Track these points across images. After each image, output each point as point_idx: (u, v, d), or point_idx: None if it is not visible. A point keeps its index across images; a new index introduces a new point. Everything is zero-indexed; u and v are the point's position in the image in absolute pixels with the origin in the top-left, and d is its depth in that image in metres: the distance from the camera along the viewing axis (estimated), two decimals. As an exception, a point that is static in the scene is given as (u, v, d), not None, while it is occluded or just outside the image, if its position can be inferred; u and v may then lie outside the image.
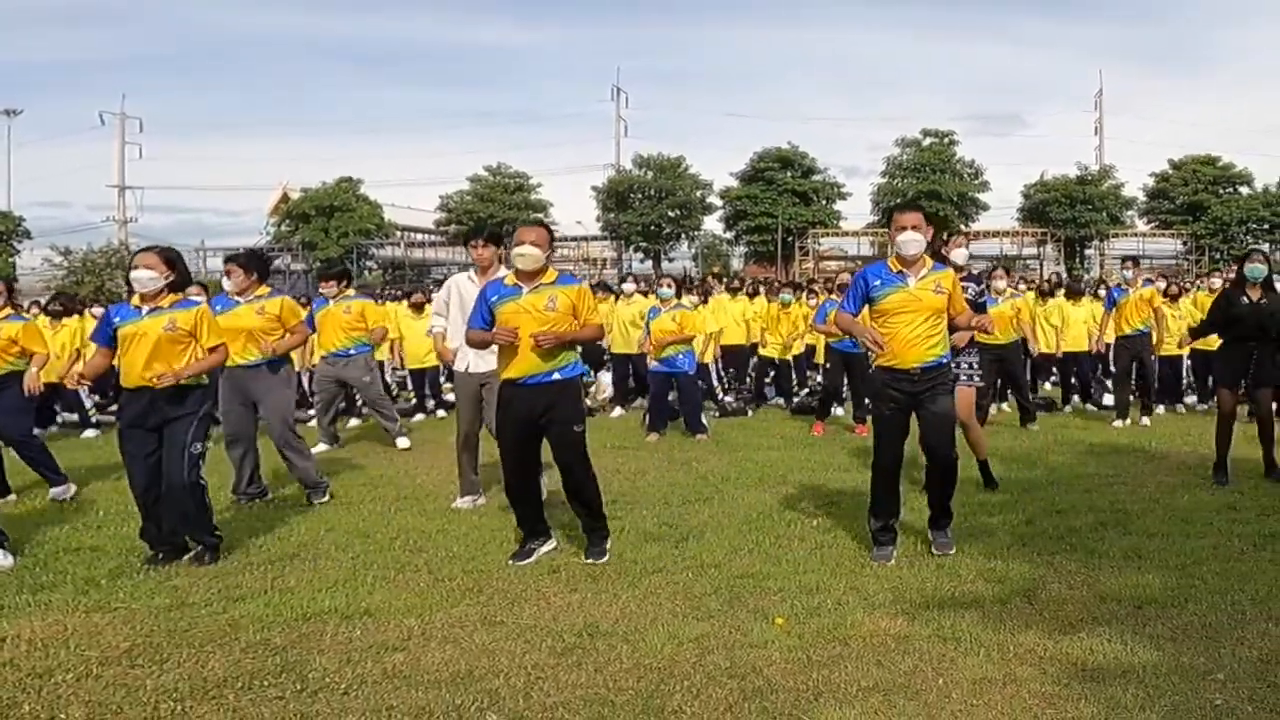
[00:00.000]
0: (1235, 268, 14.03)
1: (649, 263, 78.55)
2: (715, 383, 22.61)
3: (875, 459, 9.89)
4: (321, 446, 16.96)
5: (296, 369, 16.40)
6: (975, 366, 12.49)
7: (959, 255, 11.48)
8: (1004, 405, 20.67)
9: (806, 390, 22.94)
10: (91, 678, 6.96)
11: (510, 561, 9.62)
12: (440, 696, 6.57)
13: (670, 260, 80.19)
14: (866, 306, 9.74)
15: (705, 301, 23.34)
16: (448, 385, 22.06)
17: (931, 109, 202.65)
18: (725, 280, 31.64)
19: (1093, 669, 6.85)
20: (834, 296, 19.16)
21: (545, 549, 9.90)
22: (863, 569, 9.29)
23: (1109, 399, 20.99)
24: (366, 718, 6.27)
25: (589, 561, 9.55)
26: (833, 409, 19.07)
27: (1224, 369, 13.29)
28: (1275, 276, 13.19)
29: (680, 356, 18.14)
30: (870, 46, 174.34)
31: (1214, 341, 13.88)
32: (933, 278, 9.63)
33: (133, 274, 9.89)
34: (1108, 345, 19.99)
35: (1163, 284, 21.59)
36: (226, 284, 12.84)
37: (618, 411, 21.50)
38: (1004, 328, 18.29)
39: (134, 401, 9.87)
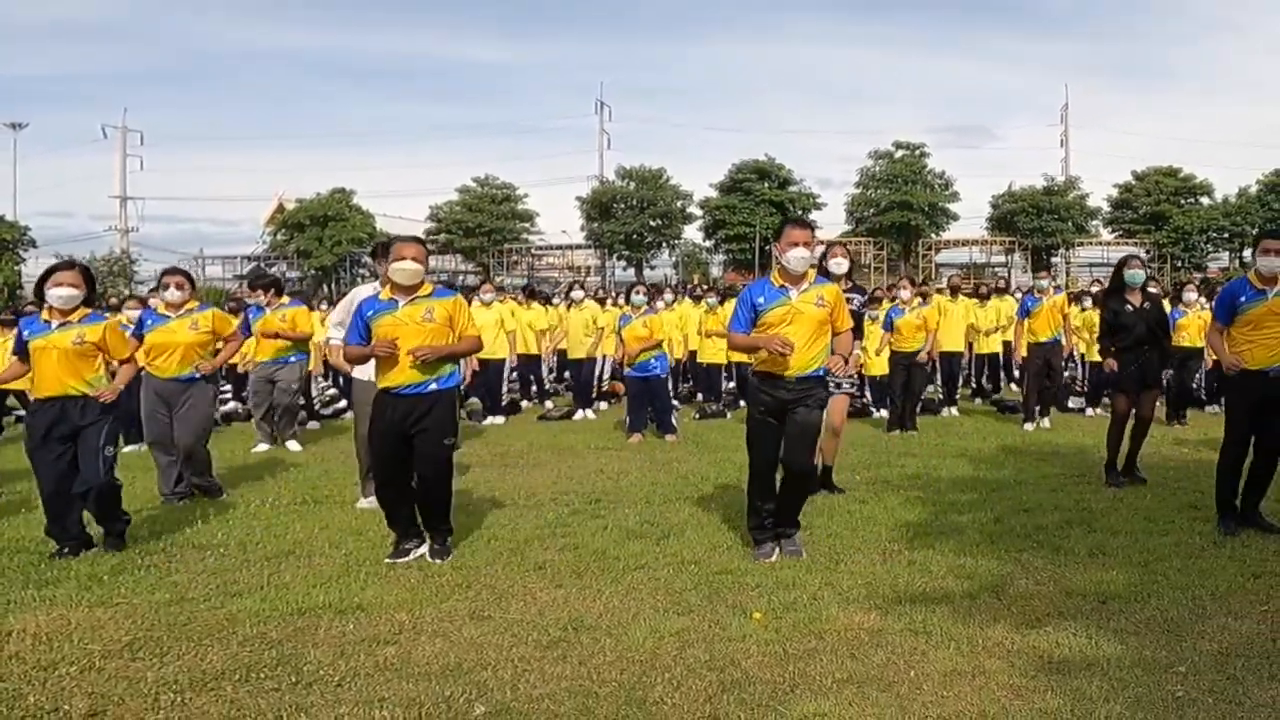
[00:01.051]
0: (1112, 277, 14.10)
1: (631, 270, 78.76)
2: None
3: (751, 463, 9.89)
4: (262, 446, 17.29)
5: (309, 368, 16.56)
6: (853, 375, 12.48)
7: (836, 266, 11.38)
8: (952, 409, 20.86)
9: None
10: (94, 670, 6.95)
11: (388, 560, 9.62)
12: (430, 688, 6.56)
13: (652, 268, 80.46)
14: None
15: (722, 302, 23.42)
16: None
17: (903, 122, 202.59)
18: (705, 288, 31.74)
19: (1059, 662, 6.86)
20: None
21: (421, 550, 9.83)
22: (837, 565, 9.29)
23: (1074, 403, 21.11)
24: (359, 709, 6.25)
25: (433, 561, 9.58)
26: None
27: (1118, 375, 13.28)
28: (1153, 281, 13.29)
29: (653, 360, 18.28)
30: (844, 62, 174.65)
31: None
32: (815, 291, 9.64)
33: (52, 291, 9.92)
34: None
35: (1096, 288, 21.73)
36: (167, 296, 12.78)
37: (579, 414, 21.61)
38: (910, 335, 18.77)
39: (45, 411, 9.96)
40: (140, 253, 78.02)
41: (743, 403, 22.43)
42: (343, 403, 22.12)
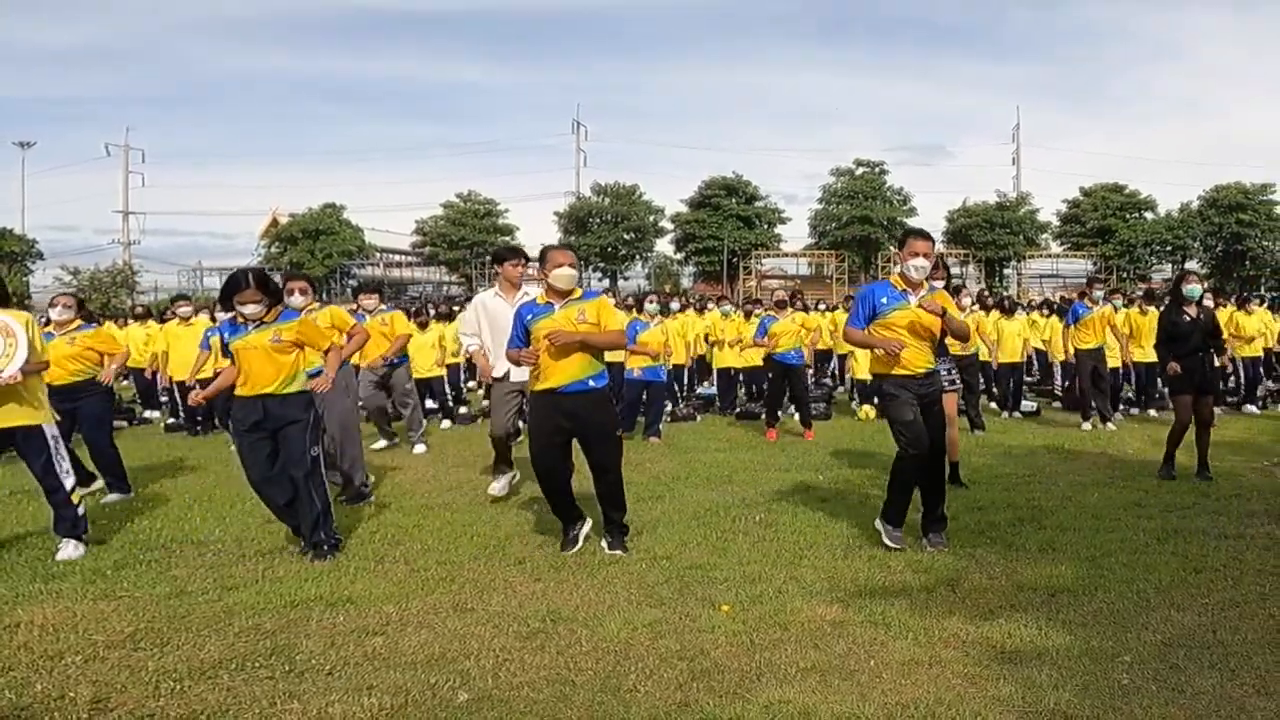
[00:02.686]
0: (1171, 288, 14.21)
1: (606, 281, 78.81)
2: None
3: (905, 456, 9.72)
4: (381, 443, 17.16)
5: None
6: (953, 372, 12.55)
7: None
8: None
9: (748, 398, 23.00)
10: (98, 660, 6.95)
11: (561, 551, 9.70)
12: (416, 677, 6.55)
13: (626, 279, 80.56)
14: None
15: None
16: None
17: (864, 141, 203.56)
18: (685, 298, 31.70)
19: (1011, 652, 6.87)
20: (771, 312, 19.37)
21: (586, 528, 9.96)
22: (801, 560, 9.30)
23: (1026, 405, 21.09)
24: (349, 696, 6.24)
25: (615, 553, 9.60)
26: (779, 414, 18.95)
27: (1177, 380, 13.39)
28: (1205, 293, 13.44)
29: (660, 367, 18.31)
30: (808, 85, 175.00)
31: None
32: (929, 298, 9.65)
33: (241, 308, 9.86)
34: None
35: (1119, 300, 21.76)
36: (53, 314, 12.85)
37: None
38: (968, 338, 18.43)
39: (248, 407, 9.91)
40: (142, 264, 78.10)
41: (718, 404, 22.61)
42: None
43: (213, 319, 18.89)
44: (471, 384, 24.86)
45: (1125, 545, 9.65)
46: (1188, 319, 13.25)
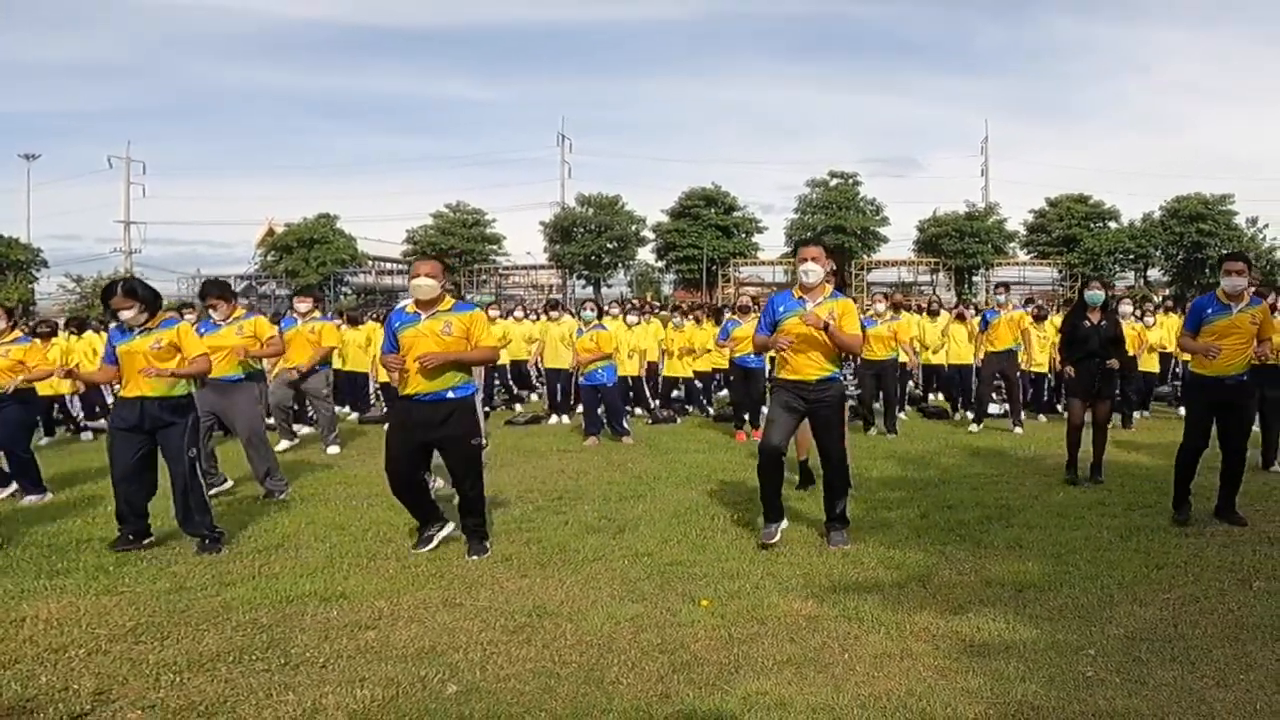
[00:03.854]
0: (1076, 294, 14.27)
1: (590, 288, 78.86)
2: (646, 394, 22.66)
3: (761, 453, 9.85)
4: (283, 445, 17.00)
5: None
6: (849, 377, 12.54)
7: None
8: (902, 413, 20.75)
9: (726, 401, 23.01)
10: (101, 653, 6.95)
11: (413, 550, 9.65)
12: (407, 669, 6.56)
13: (609, 286, 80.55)
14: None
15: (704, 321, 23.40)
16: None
17: (838, 153, 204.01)
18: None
19: (979, 645, 6.89)
20: (734, 316, 19.43)
21: (445, 532, 9.83)
22: (778, 557, 9.31)
23: (994, 408, 21.11)
24: (342, 688, 6.24)
25: (472, 558, 9.50)
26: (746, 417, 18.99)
27: (1074, 383, 13.46)
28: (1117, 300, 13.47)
29: (600, 371, 18.20)
30: (784, 99, 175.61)
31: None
32: (828, 305, 9.67)
33: (122, 314, 9.89)
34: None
35: (1031, 306, 21.74)
36: (214, 315, 12.79)
37: (554, 420, 21.49)
38: (881, 346, 18.65)
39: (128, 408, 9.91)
40: (143, 272, 77.72)
41: (690, 408, 22.62)
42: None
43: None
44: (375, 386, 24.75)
45: (1090, 542, 9.68)
46: (1088, 324, 13.26)
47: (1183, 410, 20.18)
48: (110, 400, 22.07)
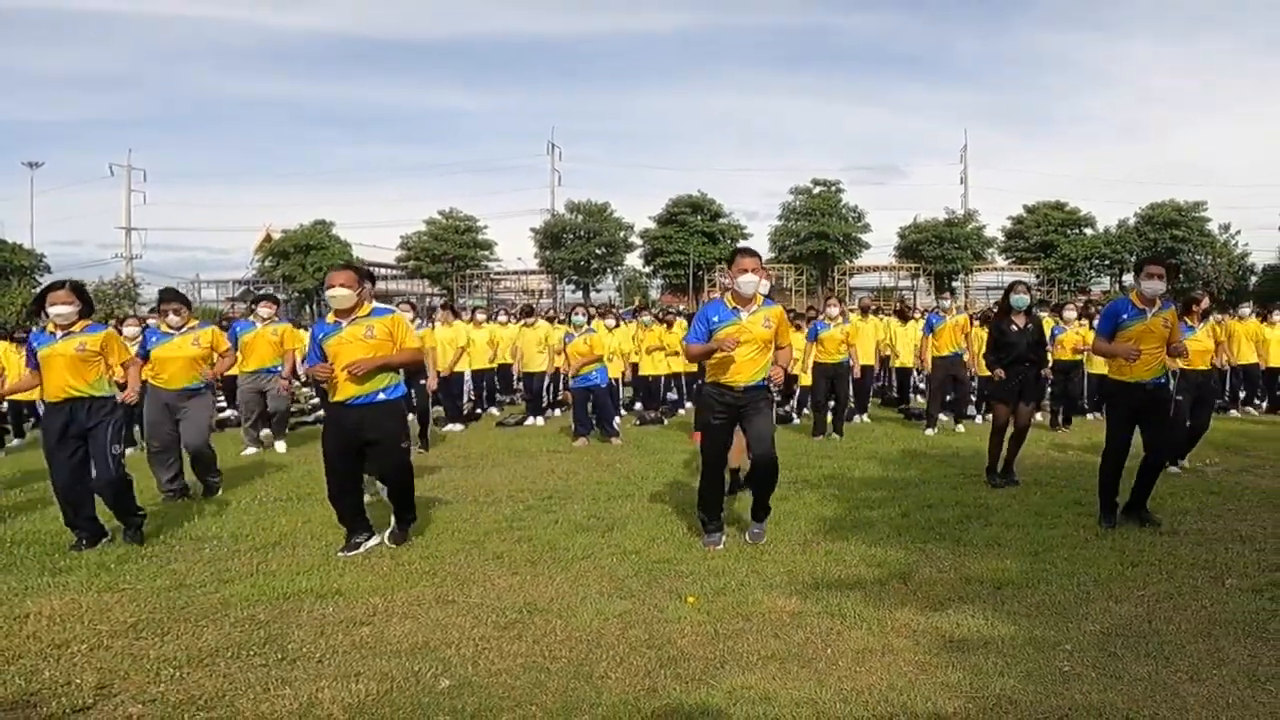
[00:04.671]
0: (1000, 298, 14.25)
1: (579, 293, 78.90)
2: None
3: (704, 462, 9.91)
4: (250, 450, 17.19)
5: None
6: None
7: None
8: (863, 417, 20.87)
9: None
10: (103, 648, 6.97)
11: (340, 554, 9.59)
12: (401, 664, 6.57)
13: (598, 291, 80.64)
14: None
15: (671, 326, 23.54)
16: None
17: (821, 161, 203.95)
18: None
19: (959, 641, 6.90)
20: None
21: (371, 543, 9.82)
22: (762, 554, 9.34)
23: (971, 410, 21.15)
24: (338, 682, 6.25)
25: (390, 544, 9.71)
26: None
27: (1001, 387, 13.35)
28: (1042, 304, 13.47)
29: (594, 373, 18.29)
30: (768, 109, 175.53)
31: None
32: (762, 313, 9.67)
33: (51, 309, 9.95)
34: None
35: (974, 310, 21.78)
36: (169, 320, 12.73)
37: (530, 421, 21.50)
38: (834, 348, 18.67)
39: (56, 413, 9.95)
40: (144, 277, 77.92)
41: (682, 409, 22.65)
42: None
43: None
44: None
45: (1066, 541, 9.71)
46: (1015, 329, 13.19)
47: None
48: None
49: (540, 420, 21.54)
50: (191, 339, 12.60)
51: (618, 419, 19.78)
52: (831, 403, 19.06)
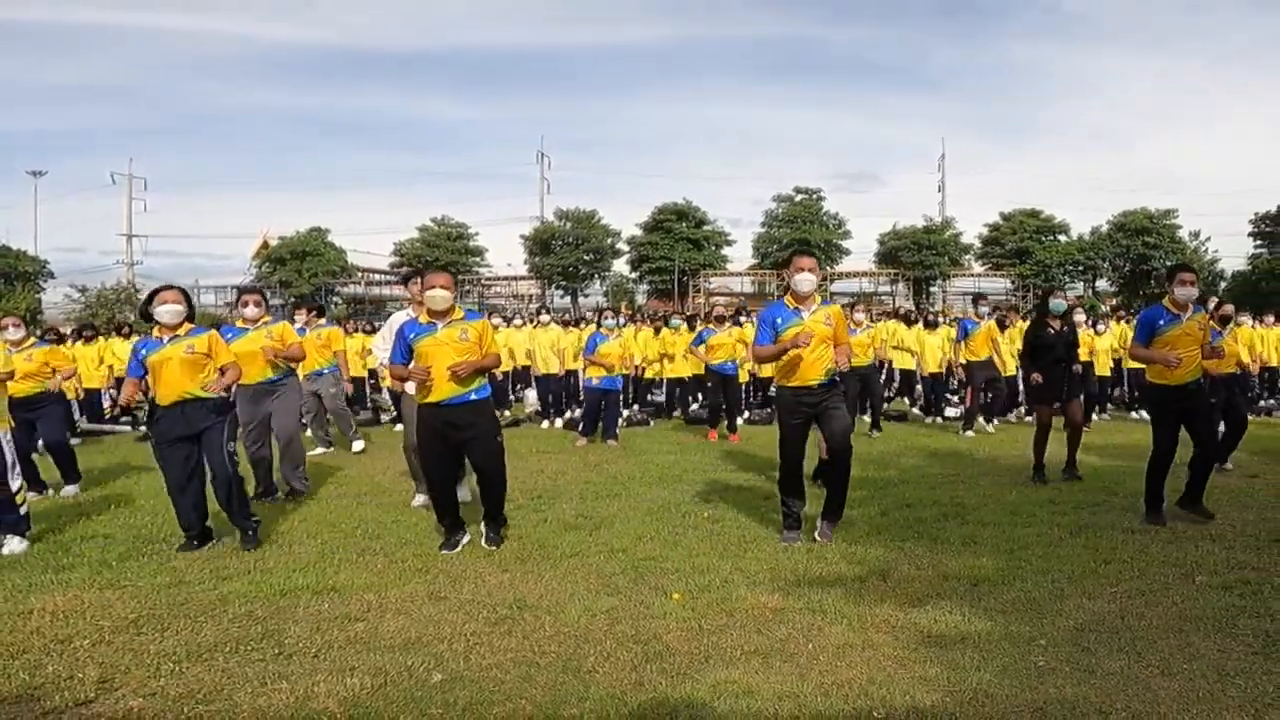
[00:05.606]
0: (1037, 303, 14.32)
1: (568, 299, 78.91)
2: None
3: (782, 464, 9.96)
4: (319, 450, 17.12)
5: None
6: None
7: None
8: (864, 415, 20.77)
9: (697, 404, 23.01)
10: (104, 643, 6.98)
11: (440, 550, 9.61)
12: (394, 659, 6.58)
13: (586, 296, 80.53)
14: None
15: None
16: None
17: (803, 170, 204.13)
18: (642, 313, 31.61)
19: (937, 636, 6.92)
20: (711, 325, 19.48)
21: (466, 539, 9.86)
22: (745, 552, 9.35)
23: (951, 411, 21.16)
24: (334, 677, 6.26)
25: (489, 547, 9.63)
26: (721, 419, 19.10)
27: (1041, 389, 13.47)
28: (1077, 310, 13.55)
29: (618, 377, 18.39)
30: (751, 118, 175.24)
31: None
32: (822, 311, 9.73)
33: (160, 308, 9.93)
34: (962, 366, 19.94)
35: (995, 316, 21.78)
36: (245, 313, 12.70)
37: (545, 424, 21.46)
38: (863, 352, 18.55)
39: (169, 416, 9.89)
40: (144, 283, 77.32)
41: (676, 412, 22.61)
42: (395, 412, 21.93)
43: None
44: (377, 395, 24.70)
45: (1041, 539, 9.72)
46: (1051, 332, 13.34)
47: (1141, 414, 20.49)
48: (107, 405, 22.10)
49: (559, 423, 21.53)
50: (265, 333, 12.56)
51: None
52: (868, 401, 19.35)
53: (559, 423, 21.55)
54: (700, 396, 23.15)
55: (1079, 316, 20.40)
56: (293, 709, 5.84)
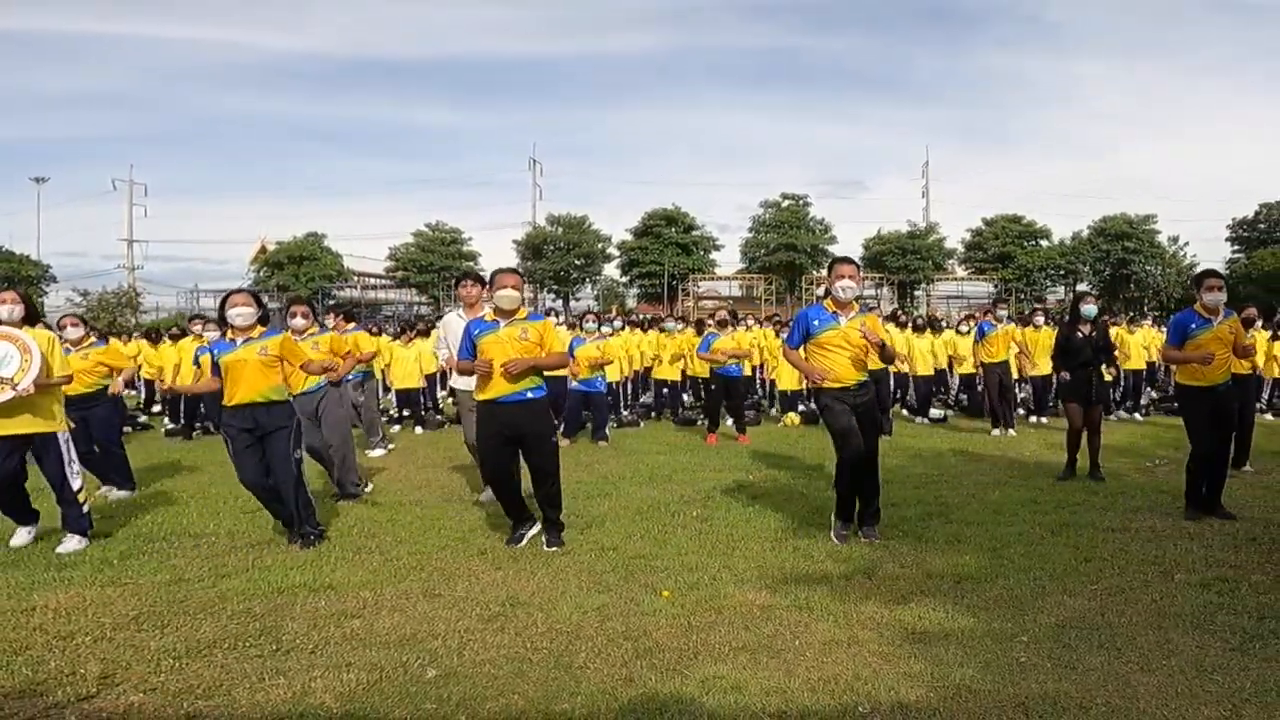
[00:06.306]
0: (1069, 307, 14.38)
1: (560, 302, 78.93)
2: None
3: (841, 460, 9.85)
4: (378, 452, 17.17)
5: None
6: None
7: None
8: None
9: (686, 407, 23.03)
10: (106, 640, 6.98)
11: (507, 544, 9.70)
12: (390, 655, 6.58)
13: (577, 300, 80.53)
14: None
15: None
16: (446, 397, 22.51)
17: (789, 176, 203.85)
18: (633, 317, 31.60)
19: (921, 633, 6.93)
20: (714, 329, 19.36)
21: (533, 531, 9.93)
22: (733, 551, 9.37)
23: (934, 413, 21.18)
24: (330, 672, 6.26)
25: (552, 550, 9.55)
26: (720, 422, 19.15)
27: (1070, 390, 13.62)
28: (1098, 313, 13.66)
29: (597, 379, 18.37)
30: (739, 125, 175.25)
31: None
32: (859, 319, 9.77)
33: (231, 311, 9.94)
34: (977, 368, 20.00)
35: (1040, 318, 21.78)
36: (294, 324, 12.64)
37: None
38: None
39: (240, 416, 9.87)
40: (145, 287, 77.65)
41: (664, 412, 22.55)
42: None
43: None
44: (443, 393, 24.77)
45: (1023, 537, 9.75)
46: (1080, 336, 13.40)
47: (1132, 415, 20.57)
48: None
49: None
50: (311, 344, 12.36)
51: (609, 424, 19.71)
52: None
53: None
54: (693, 398, 23.24)
55: (1039, 319, 20.59)
56: (290, 704, 5.84)
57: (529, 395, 9.54)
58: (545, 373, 9.83)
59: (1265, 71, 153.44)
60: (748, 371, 20.43)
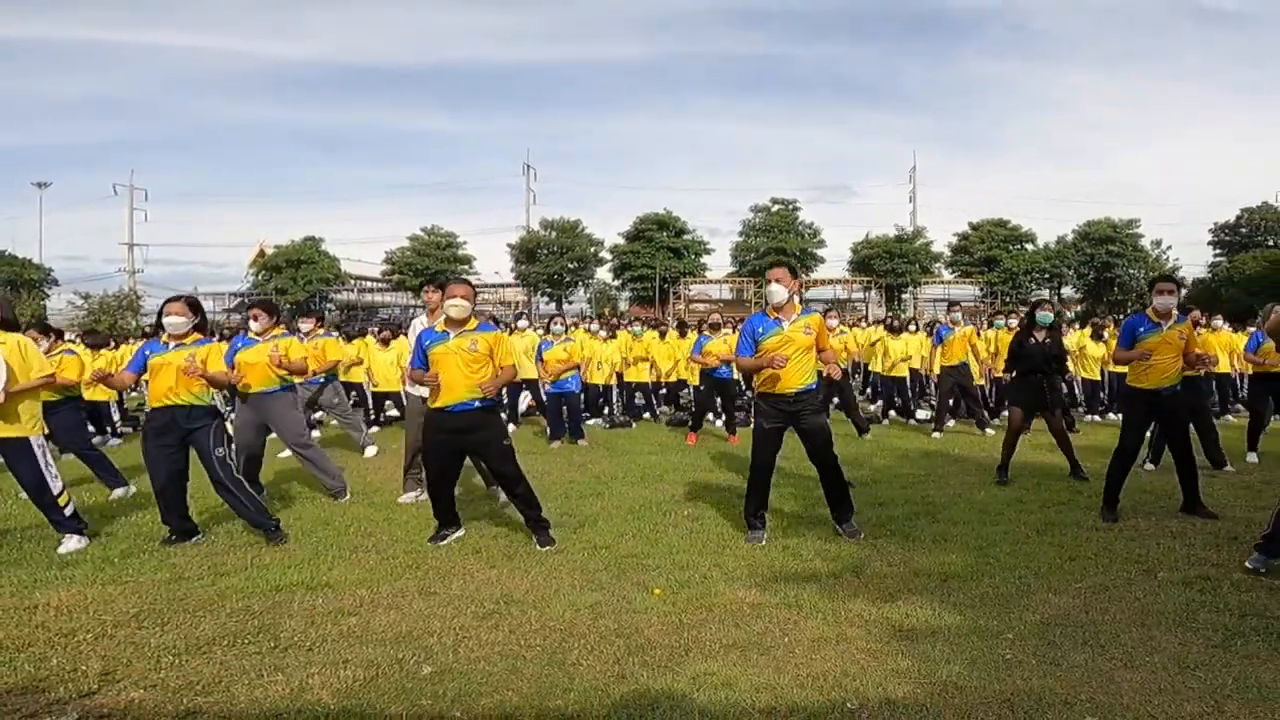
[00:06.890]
0: (1025, 313, 14.38)
1: (553, 305, 78.97)
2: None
3: (752, 468, 10.00)
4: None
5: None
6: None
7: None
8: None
9: (676, 407, 23.02)
10: (107, 637, 6.99)
11: (429, 542, 9.72)
12: (386, 652, 6.60)
13: (570, 303, 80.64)
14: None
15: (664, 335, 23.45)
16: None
17: (779, 181, 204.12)
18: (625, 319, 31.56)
19: (908, 630, 6.95)
20: (707, 333, 19.43)
21: (455, 535, 9.93)
22: (724, 549, 9.38)
23: (921, 414, 21.17)
24: (327, 669, 6.27)
25: (545, 550, 9.51)
26: (705, 422, 19.23)
27: (1014, 393, 13.63)
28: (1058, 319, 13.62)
29: (569, 380, 18.35)
30: (730, 132, 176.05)
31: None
32: (802, 321, 9.80)
33: (166, 319, 9.96)
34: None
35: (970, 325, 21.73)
36: (253, 326, 12.59)
37: (510, 428, 21.19)
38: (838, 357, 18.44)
39: (158, 416, 9.89)
40: (145, 290, 77.56)
41: (647, 415, 22.52)
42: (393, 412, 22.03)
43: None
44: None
45: (1009, 536, 9.76)
46: (1034, 342, 13.34)
47: (1109, 417, 20.59)
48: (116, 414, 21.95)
49: (514, 427, 21.34)
50: (271, 346, 12.25)
51: (596, 422, 19.81)
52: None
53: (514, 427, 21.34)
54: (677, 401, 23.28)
55: (1013, 321, 20.56)
56: (287, 700, 5.85)
57: (476, 404, 9.57)
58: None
59: (1247, 79, 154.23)
60: (738, 374, 20.37)
